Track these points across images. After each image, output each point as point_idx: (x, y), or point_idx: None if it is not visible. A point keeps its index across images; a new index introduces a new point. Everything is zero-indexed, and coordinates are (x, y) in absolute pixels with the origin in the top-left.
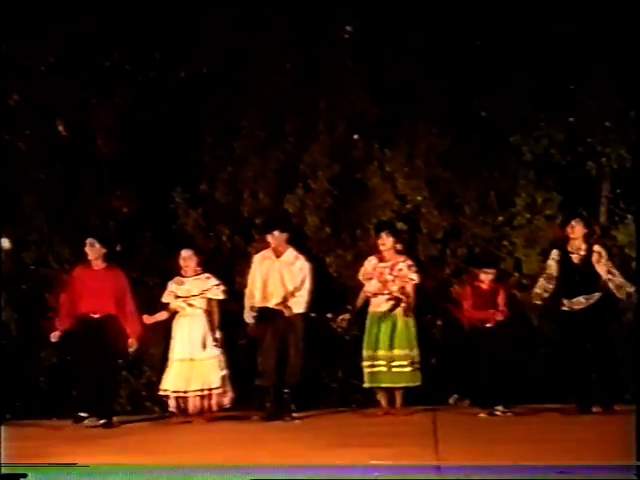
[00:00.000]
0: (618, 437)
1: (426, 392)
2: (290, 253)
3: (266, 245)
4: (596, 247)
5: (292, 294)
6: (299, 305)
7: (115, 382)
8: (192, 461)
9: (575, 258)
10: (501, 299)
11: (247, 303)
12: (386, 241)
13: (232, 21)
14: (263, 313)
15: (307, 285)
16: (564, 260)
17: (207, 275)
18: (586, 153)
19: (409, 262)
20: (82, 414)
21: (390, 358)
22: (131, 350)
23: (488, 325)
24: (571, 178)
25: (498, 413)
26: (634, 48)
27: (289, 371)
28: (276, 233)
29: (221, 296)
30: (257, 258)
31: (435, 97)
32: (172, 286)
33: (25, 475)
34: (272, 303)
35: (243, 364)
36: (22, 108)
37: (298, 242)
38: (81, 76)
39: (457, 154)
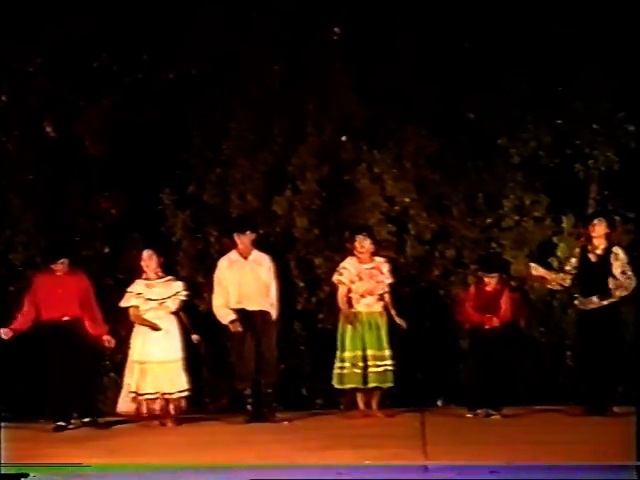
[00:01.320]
0: (618, 437)
1: (414, 394)
2: (256, 254)
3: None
4: (615, 248)
5: (266, 296)
6: (274, 310)
7: (95, 379)
8: (183, 462)
9: (593, 257)
10: (504, 302)
11: (218, 305)
12: (364, 243)
13: (221, 23)
14: (241, 316)
15: (274, 287)
16: (583, 258)
17: (171, 277)
18: (574, 155)
19: (388, 262)
20: (61, 423)
21: (379, 358)
22: (109, 346)
23: (486, 327)
24: (559, 180)
25: (489, 415)
26: (622, 50)
27: (266, 371)
28: (247, 233)
29: (186, 298)
30: (223, 262)
31: (424, 99)
32: (138, 288)
33: (26, 475)
34: (250, 305)
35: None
36: (10, 109)
37: (264, 243)
38: (69, 77)
39: (445, 156)
